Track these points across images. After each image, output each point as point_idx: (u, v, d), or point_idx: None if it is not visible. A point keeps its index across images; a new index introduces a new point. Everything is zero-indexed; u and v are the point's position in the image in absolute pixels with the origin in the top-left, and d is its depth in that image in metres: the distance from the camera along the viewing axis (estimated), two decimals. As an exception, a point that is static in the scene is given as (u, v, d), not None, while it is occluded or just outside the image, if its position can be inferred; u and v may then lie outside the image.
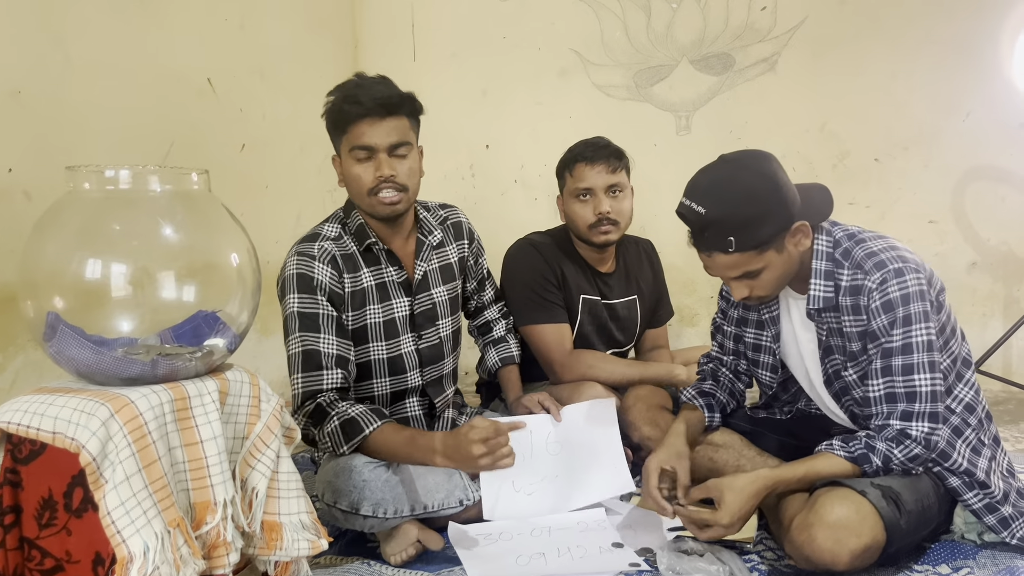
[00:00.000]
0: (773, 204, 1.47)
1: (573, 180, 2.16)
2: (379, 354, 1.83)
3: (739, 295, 1.56)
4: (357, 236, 1.83)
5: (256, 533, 1.14)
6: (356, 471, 1.63)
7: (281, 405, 1.21)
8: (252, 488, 1.14)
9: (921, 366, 1.50)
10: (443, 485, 1.74)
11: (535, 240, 2.25)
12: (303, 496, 1.20)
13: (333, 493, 1.63)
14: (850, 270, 1.55)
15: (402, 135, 1.76)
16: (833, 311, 1.59)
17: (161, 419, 1.02)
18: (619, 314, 2.30)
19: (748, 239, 1.46)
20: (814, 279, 1.57)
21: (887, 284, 1.50)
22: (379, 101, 1.74)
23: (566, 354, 2.15)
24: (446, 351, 1.94)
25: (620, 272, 2.32)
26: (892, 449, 1.51)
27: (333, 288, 1.76)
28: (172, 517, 1.00)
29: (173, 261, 1.11)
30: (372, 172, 1.75)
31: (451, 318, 1.96)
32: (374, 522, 1.64)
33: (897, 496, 1.48)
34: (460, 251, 2.02)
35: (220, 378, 1.12)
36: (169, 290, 1.10)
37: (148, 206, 1.10)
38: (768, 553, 1.66)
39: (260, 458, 1.15)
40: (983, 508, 1.57)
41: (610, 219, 2.13)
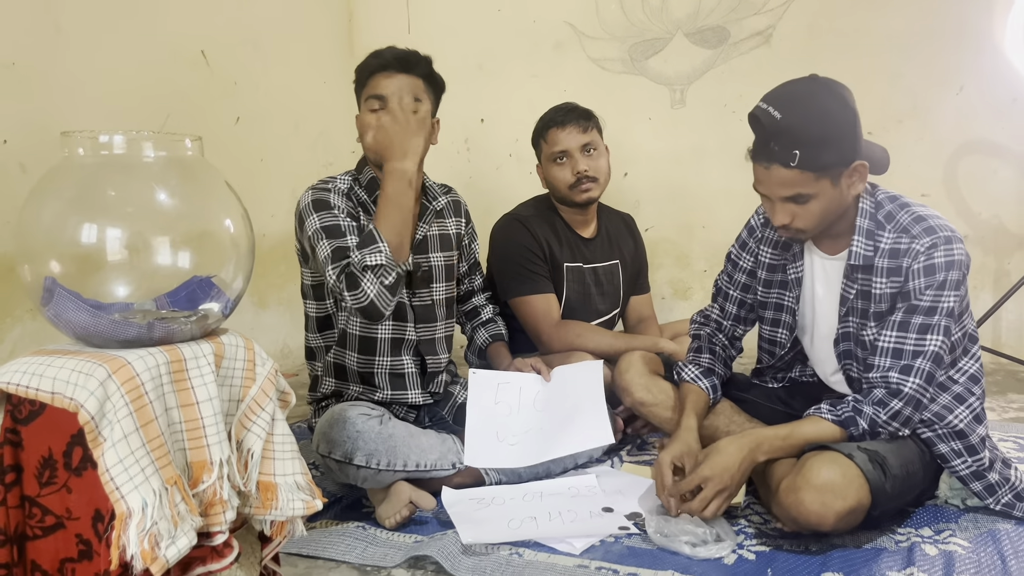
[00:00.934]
0: (846, 132, 1.48)
1: (548, 145, 2.23)
2: None
3: (780, 220, 1.55)
4: (368, 189, 1.88)
5: (252, 493, 1.16)
6: (350, 422, 1.68)
7: (276, 369, 1.23)
8: (248, 449, 1.16)
9: (937, 327, 1.52)
10: (436, 447, 1.78)
11: (520, 214, 2.29)
12: (298, 458, 1.22)
13: (328, 443, 1.68)
14: (893, 233, 1.55)
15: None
16: (866, 272, 1.60)
17: (157, 380, 1.04)
18: (601, 279, 2.34)
19: (813, 157, 1.46)
20: (857, 236, 1.58)
21: (935, 249, 1.51)
22: (398, 56, 1.84)
23: (554, 324, 2.19)
24: (439, 315, 1.97)
25: (602, 237, 2.37)
26: (879, 412, 1.53)
27: (351, 211, 1.81)
28: (169, 475, 1.02)
29: (168, 227, 1.11)
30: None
31: (445, 284, 1.98)
32: (367, 472, 1.68)
33: (883, 460, 1.51)
34: (458, 227, 2.05)
35: (215, 342, 1.14)
36: (164, 256, 1.11)
37: (142, 172, 1.10)
38: (755, 517, 1.70)
39: (255, 420, 1.17)
40: (970, 475, 1.60)
41: (588, 176, 2.20)
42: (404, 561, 1.53)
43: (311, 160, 3.27)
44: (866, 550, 1.52)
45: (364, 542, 1.61)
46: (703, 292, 3.35)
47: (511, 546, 1.57)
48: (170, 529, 1.00)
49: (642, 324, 2.44)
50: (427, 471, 1.75)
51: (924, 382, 1.53)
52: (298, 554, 1.57)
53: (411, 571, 1.51)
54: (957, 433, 1.59)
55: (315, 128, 3.25)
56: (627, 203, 3.22)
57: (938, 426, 1.59)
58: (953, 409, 1.59)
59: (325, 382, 1.95)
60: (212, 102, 2.78)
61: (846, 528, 1.50)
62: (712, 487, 1.54)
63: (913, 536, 1.58)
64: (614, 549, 1.56)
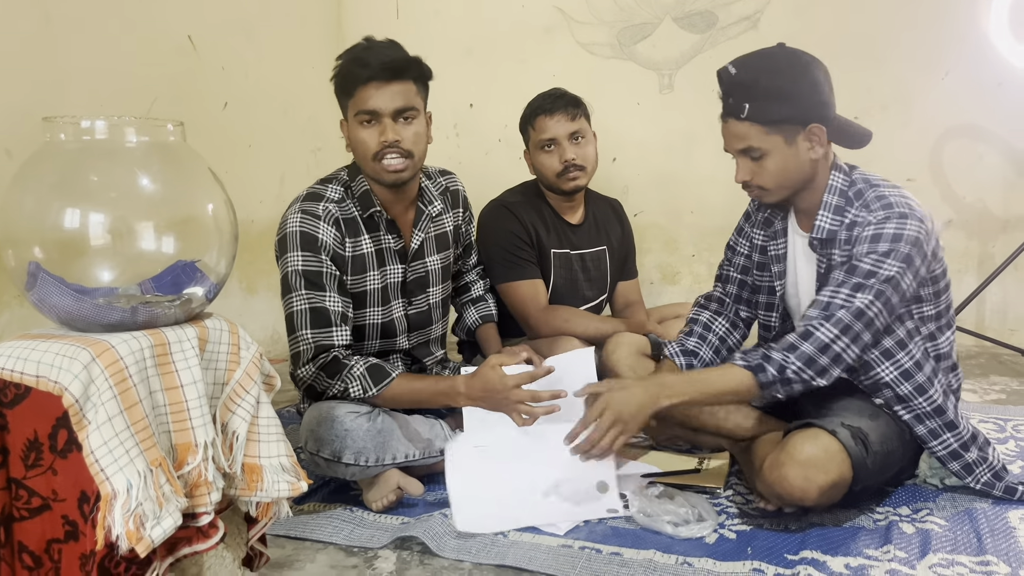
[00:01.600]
0: (799, 91, 1.54)
1: (536, 132, 2.23)
2: (374, 319, 1.86)
3: (740, 176, 1.62)
4: (361, 202, 1.82)
5: (237, 474, 1.17)
6: (338, 420, 1.67)
7: (260, 353, 1.24)
8: (233, 431, 1.17)
9: (870, 289, 1.51)
10: (424, 435, 1.78)
11: (507, 201, 2.30)
12: (283, 440, 1.23)
13: (316, 442, 1.68)
14: (858, 209, 1.59)
15: (408, 100, 1.75)
16: (832, 247, 1.63)
17: (141, 363, 1.05)
18: (588, 265, 2.35)
19: (762, 110, 1.53)
20: (822, 211, 1.61)
21: (886, 222, 1.54)
22: (385, 64, 1.72)
23: (541, 309, 2.21)
24: (434, 317, 1.98)
25: (589, 223, 2.37)
26: (787, 357, 1.52)
27: (336, 249, 1.76)
28: (154, 457, 1.03)
29: (151, 212, 1.12)
30: (377, 137, 1.74)
31: (441, 286, 1.98)
32: (355, 470, 1.68)
33: (865, 437, 1.54)
34: (456, 219, 2.04)
35: (199, 326, 1.14)
36: (148, 240, 1.11)
37: (125, 157, 1.11)
38: (737, 498, 1.72)
39: (240, 403, 1.18)
40: (948, 455, 1.62)
41: (576, 165, 2.20)
42: (391, 542, 1.55)
43: (300, 145, 3.26)
44: (844, 528, 1.55)
45: (351, 524, 1.63)
46: (691, 277, 3.37)
47: (496, 527, 1.59)
48: (155, 510, 1.01)
49: (630, 309, 2.45)
50: (415, 460, 1.76)
51: (841, 332, 1.50)
52: (285, 536, 1.59)
53: (397, 552, 1.53)
54: (935, 410, 1.61)
55: (304, 113, 3.24)
56: (615, 188, 3.23)
57: (915, 403, 1.60)
58: (933, 381, 1.62)
59: None
60: (200, 87, 2.77)
61: (828, 503, 1.52)
62: (608, 417, 1.55)
63: (891, 515, 1.61)
64: (598, 529, 1.58)
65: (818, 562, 1.42)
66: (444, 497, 1.75)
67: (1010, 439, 2.06)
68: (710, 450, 1.93)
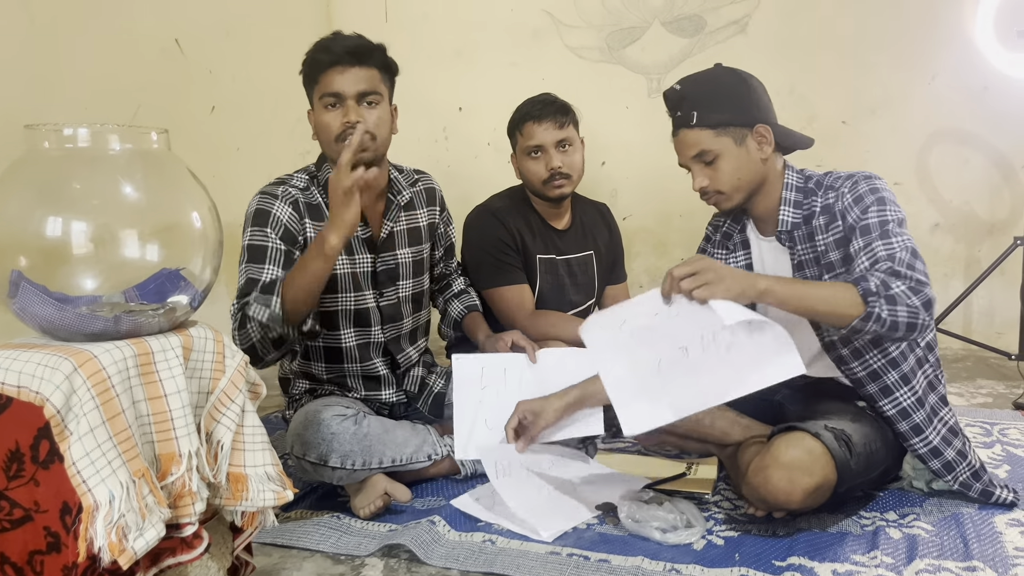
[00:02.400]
0: (738, 96, 1.64)
1: (523, 139, 2.23)
2: (347, 304, 1.86)
3: (698, 183, 1.68)
4: (326, 188, 1.83)
5: (222, 484, 1.16)
6: (324, 424, 1.67)
7: (245, 361, 1.23)
8: (217, 441, 1.16)
9: (896, 232, 1.53)
10: (412, 440, 1.78)
11: (493, 206, 2.30)
12: (268, 449, 1.23)
13: (302, 446, 1.68)
14: (823, 194, 1.66)
15: (370, 84, 1.78)
16: (806, 240, 1.67)
17: (124, 373, 1.04)
18: (575, 270, 2.35)
19: (707, 115, 1.62)
20: (783, 206, 1.68)
21: (857, 184, 1.61)
22: (348, 49, 1.77)
23: (528, 315, 2.20)
24: (405, 312, 1.97)
25: (576, 228, 2.37)
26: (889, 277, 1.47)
27: (291, 226, 1.77)
28: (137, 467, 1.02)
29: (134, 219, 1.11)
30: (339, 119, 1.78)
31: (413, 280, 1.98)
32: (342, 474, 1.68)
33: (848, 438, 1.55)
34: (431, 216, 2.04)
35: (184, 334, 1.14)
36: (131, 248, 1.11)
37: (108, 165, 1.10)
38: (725, 503, 1.72)
39: (225, 412, 1.18)
40: (928, 453, 1.63)
41: (562, 173, 2.20)
42: (378, 550, 1.54)
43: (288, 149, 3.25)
44: (832, 534, 1.55)
45: (338, 531, 1.62)
46: (680, 280, 3.37)
47: (484, 532, 1.59)
48: (138, 521, 1.00)
49: (617, 312, 2.45)
50: (403, 465, 1.76)
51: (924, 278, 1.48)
52: (272, 544, 1.58)
53: (384, 559, 1.52)
54: (917, 401, 1.62)
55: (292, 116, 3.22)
56: (604, 192, 3.24)
57: (899, 394, 1.61)
58: (916, 372, 1.63)
59: (297, 384, 1.95)
60: (187, 91, 2.76)
61: (813, 505, 1.53)
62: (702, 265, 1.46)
63: (878, 520, 1.61)
64: (586, 536, 1.58)
65: (806, 568, 1.43)
66: (432, 504, 1.75)
67: (996, 443, 2.07)
68: (698, 456, 1.93)
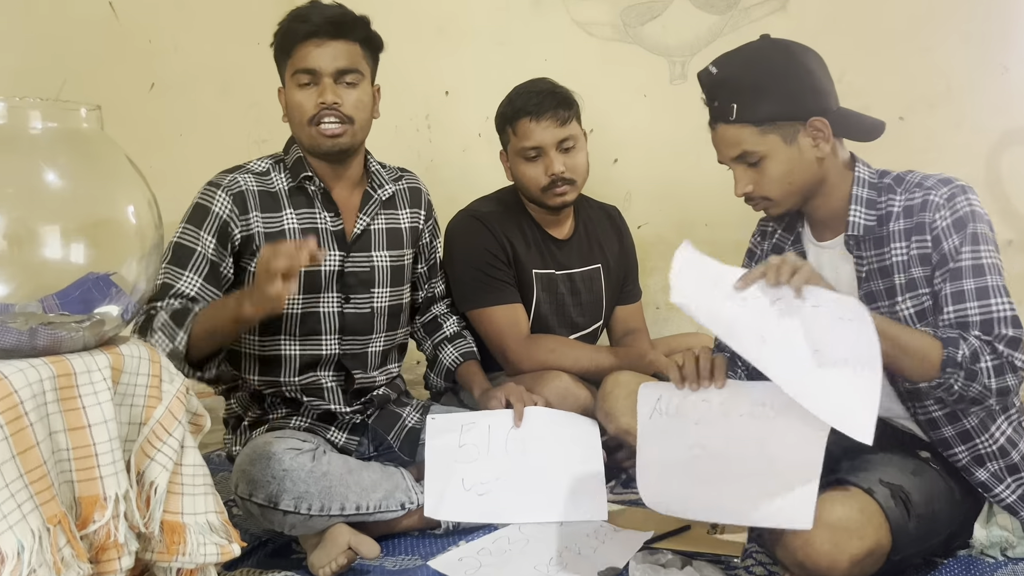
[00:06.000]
0: (788, 83, 1.59)
1: (517, 139, 2.20)
2: (291, 308, 1.86)
3: (741, 188, 1.65)
4: (292, 171, 1.87)
5: (155, 535, 1.15)
6: (276, 458, 1.67)
7: (187, 387, 1.22)
8: (150, 482, 1.15)
9: (996, 290, 1.54)
10: (382, 484, 1.77)
11: (479, 211, 2.28)
12: (212, 494, 1.22)
13: (248, 484, 1.67)
14: (905, 193, 1.63)
15: (351, 61, 1.82)
16: (876, 246, 1.64)
17: (40, 398, 1.03)
18: (578, 287, 2.34)
19: (750, 109, 1.58)
20: (854, 205, 1.65)
21: (956, 199, 1.57)
22: (328, 19, 1.80)
23: (522, 339, 2.19)
24: (376, 326, 1.96)
25: (579, 238, 2.36)
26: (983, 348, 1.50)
27: (229, 223, 1.80)
28: (52, 513, 1.01)
29: (57, 213, 1.11)
30: (314, 99, 1.81)
31: (390, 289, 1.98)
32: (296, 520, 1.67)
33: (907, 496, 1.53)
34: (414, 219, 2.05)
35: (113, 352, 1.13)
36: (52, 248, 1.10)
37: (27, 146, 1.09)
38: (758, 568, 1.71)
39: (160, 447, 1.16)
40: (1018, 500, 1.62)
41: (565, 179, 2.18)
42: (340, 618, 1.53)
43: (241, 135, 3.24)
44: (886, 608, 1.54)
45: (292, 595, 1.60)
46: (704, 301, 3.37)
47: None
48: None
49: (630, 338, 2.44)
50: (370, 513, 1.74)
51: (1015, 350, 1.50)
52: (212, 608, 1.56)
53: (348, 630, 1.50)
54: (999, 450, 1.61)
55: (246, 97, 3.22)
56: (617, 195, 3.23)
57: (978, 441, 1.61)
58: (994, 418, 1.62)
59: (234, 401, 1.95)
60: (121, 64, 2.75)
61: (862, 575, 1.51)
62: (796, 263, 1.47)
63: (941, 592, 1.60)
64: (591, 604, 1.57)
65: (853, 649, 1.41)
66: (405, 564, 1.73)
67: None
68: (726, 510, 1.92)
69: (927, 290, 1.61)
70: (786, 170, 1.62)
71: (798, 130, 1.60)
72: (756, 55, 1.63)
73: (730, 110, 1.59)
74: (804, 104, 1.60)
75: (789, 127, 1.59)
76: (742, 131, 1.60)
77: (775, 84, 1.59)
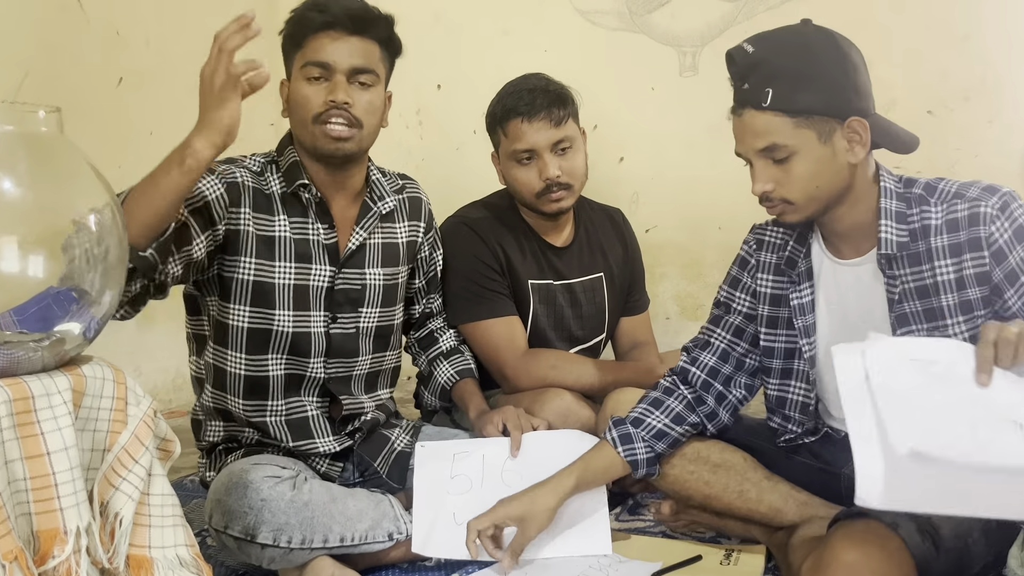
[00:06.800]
0: (832, 75, 1.55)
1: (509, 140, 2.20)
2: (283, 325, 1.85)
3: (760, 186, 1.60)
4: (286, 175, 1.85)
5: (119, 571, 1.14)
6: (253, 487, 1.66)
7: (154, 410, 1.22)
8: (115, 514, 1.14)
9: None
10: (368, 513, 1.77)
11: (469, 217, 2.28)
12: (181, 525, 1.21)
13: (224, 515, 1.66)
14: (941, 204, 1.60)
15: (368, 60, 1.81)
16: (912, 263, 1.61)
17: (-6, 424, 1.03)
18: (579, 299, 2.34)
19: (788, 96, 1.53)
20: (884, 220, 1.61)
21: (1012, 208, 1.55)
22: (350, 12, 1.79)
23: (520, 355, 2.19)
24: (362, 348, 1.96)
25: (579, 245, 2.36)
26: None
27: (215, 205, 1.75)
28: (8, 548, 1.00)
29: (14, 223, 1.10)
30: (324, 95, 1.79)
31: (379, 309, 1.97)
32: (275, 553, 1.66)
33: (935, 531, 1.52)
34: (413, 233, 2.04)
35: (74, 374, 1.12)
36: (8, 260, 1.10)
37: (-19, 152, 1.10)
38: (775, 606, 1.71)
39: (126, 476, 1.16)
40: None
41: (560, 183, 2.18)
42: (322, 659, 1.52)
43: (216, 134, 3.24)
44: (913, 646, 1.53)
45: (270, 633, 1.60)
46: (718, 310, 3.38)
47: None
48: (8, 618, 0.98)
49: (637, 351, 2.44)
50: (355, 545, 1.74)
51: None
52: (184, 649, 1.55)
53: (330, 671, 1.50)
54: None
55: (223, 93, 3.23)
56: (623, 196, 3.24)
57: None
58: None
59: (210, 427, 1.92)
60: (87, 57, 2.76)
61: (882, 619, 1.51)
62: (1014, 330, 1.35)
63: (973, 627, 1.59)
64: (594, 643, 1.57)
65: None
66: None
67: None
68: (740, 540, 1.92)
69: (984, 311, 1.58)
70: (815, 171, 1.57)
71: (834, 129, 1.56)
72: (798, 39, 1.58)
73: (764, 95, 1.54)
74: (846, 101, 1.55)
75: (826, 124, 1.55)
76: (774, 120, 1.55)
77: (818, 74, 1.55)
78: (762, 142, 1.57)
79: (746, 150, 1.61)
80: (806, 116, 1.54)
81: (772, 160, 1.58)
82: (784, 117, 1.54)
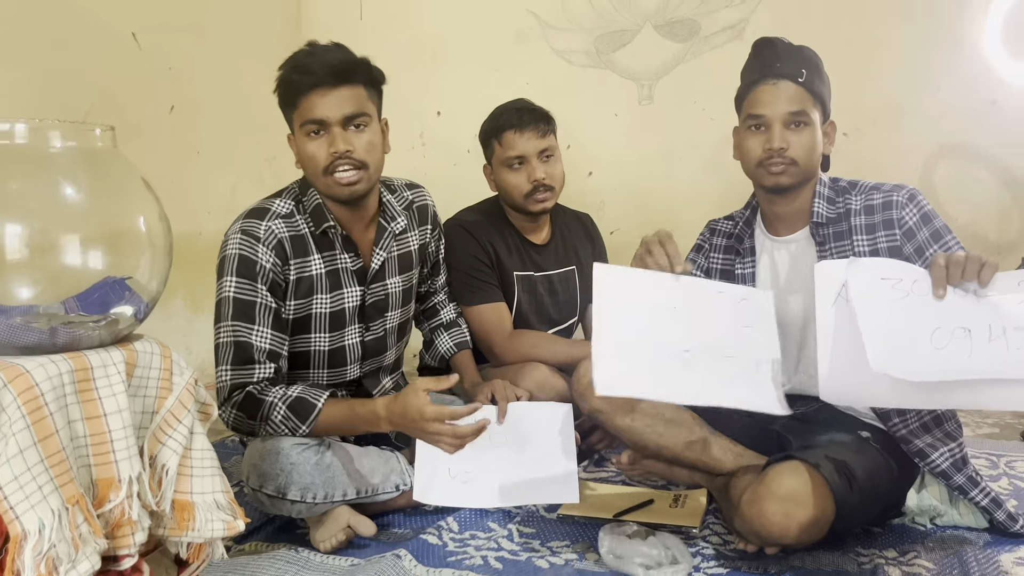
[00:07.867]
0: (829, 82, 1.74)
1: (503, 149, 2.22)
2: (320, 345, 1.83)
3: (778, 142, 1.67)
4: (314, 217, 1.78)
5: (166, 512, 1.14)
6: (283, 453, 1.64)
7: (195, 379, 1.21)
8: (162, 465, 1.14)
9: None
10: (379, 469, 1.76)
11: (464, 220, 2.29)
12: (219, 475, 1.21)
13: (259, 477, 1.65)
14: (860, 194, 1.72)
15: (358, 105, 1.71)
16: (836, 239, 1.70)
17: (60, 390, 1.02)
18: (555, 287, 2.35)
19: (815, 81, 1.69)
20: (818, 199, 1.72)
21: (918, 198, 1.66)
22: (330, 68, 1.68)
23: (506, 335, 2.21)
24: (389, 344, 1.95)
25: (555, 242, 2.38)
26: None
27: (276, 277, 1.72)
28: (71, 493, 1.00)
29: (76, 223, 1.10)
30: (326, 148, 1.70)
31: (400, 309, 1.96)
32: (302, 507, 1.66)
33: (850, 471, 1.54)
34: (422, 237, 2.01)
35: (127, 348, 1.12)
36: (72, 255, 1.09)
37: (47, 164, 1.09)
38: (714, 538, 1.71)
39: (171, 434, 1.16)
40: (951, 467, 1.62)
41: (545, 185, 2.21)
42: (338, 586, 1.52)
43: (252, 153, 3.23)
44: (827, 572, 1.54)
45: (296, 566, 1.59)
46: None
47: (454, 569, 1.57)
48: (70, 552, 0.98)
49: (603, 332, 2.44)
50: (368, 496, 1.74)
51: None
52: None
53: (345, 597, 1.50)
54: (934, 420, 1.63)
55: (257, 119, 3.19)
56: (591, 204, 3.23)
57: (910, 415, 1.61)
58: None
59: None
60: (144, 89, 2.74)
61: (810, 541, 1.52)
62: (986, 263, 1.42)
63: (876, 557, 1.60)
64: (563, 572, 1.56)
65: (798, 608, 1.42)
66: (397, 537, 1.73)
67: (1003, 476, 2.08)
68: (686, 486, 1.92)
69: None
70: (814, 145, 1.69)
71: (823, 121, 1.71)
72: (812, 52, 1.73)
73: (800, 73, 1.66)
74: (829, 106, 1.73)
75: (822, 114, 1.70)
76: (804, 94, 1.67)
77: (825, 76, 1.72)
78: (793, 106, 1.67)
79: (774, 112, 1.68)
80: (818, 101, 1.69)
81: (792, 126, 1.67)
82: (810, 96, 1.67)
